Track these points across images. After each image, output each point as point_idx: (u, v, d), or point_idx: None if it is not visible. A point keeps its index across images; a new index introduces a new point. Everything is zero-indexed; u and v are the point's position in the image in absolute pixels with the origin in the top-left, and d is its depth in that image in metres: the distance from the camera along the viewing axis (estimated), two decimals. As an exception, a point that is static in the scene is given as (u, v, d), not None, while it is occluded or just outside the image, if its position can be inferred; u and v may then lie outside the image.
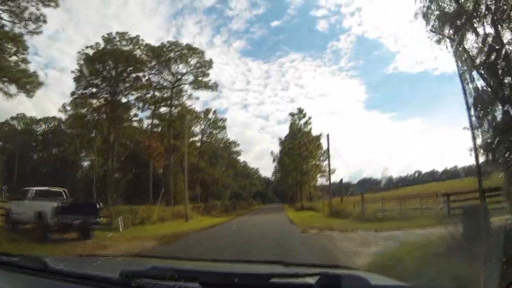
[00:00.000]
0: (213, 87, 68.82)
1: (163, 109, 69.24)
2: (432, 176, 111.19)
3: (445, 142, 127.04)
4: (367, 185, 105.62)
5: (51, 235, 19.19)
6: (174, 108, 67.29)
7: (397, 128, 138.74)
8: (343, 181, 67.73)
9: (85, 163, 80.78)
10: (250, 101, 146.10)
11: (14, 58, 46.35)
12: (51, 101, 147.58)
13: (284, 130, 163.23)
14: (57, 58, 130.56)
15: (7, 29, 41.05)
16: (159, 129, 71.40)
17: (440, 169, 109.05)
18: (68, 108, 71.68)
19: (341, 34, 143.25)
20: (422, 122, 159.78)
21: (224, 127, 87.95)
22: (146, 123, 75.26)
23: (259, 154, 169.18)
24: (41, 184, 26.28)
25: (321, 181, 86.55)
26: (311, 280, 2.09)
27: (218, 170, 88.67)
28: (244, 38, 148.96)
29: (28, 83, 45.31)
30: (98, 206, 21.71)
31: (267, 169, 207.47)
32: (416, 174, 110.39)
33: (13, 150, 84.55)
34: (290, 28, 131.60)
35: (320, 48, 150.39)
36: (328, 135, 59.16)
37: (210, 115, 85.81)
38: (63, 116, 75.24)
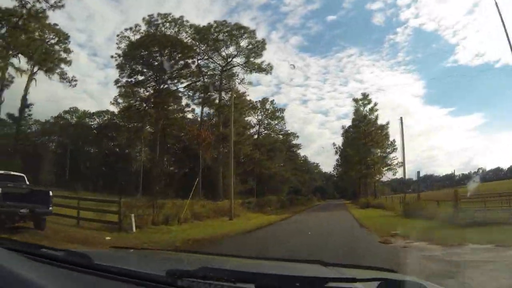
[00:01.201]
0: (267, 69, 62.09)
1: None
2: (497, 175, 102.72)
3: (510, 137, 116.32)
4: (429, 182, 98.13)
5: None
6: (224, 94, 60.94)
7: (457, 123, 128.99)
8: (403, 178, 58.43)
9: (140, 156, 75.91)
10: (309, 97, 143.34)
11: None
12: (110, 95, 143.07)
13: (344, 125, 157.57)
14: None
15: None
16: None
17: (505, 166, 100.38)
18: (120, 101, 67.31)
19: (398, 27, 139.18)
20: (483, 117, 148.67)
21: (282, 118, 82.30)
22: (197, 111, 70.49)
23: (319, 150, 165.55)
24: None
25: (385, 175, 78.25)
26: (370, 286, 1.95)
27: (276, 164, 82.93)
28: (300, 33, 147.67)
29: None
30: (50, 194, 17.82)
31: (326, 165, 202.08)
32: (480, 171, 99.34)
33: (66, 144, 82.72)
34: (346, 23, 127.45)
35: (377, 42, 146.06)
36: (401, 119, 50.42)
37: (268, 105, 78.91)
38: (115, 109, 71.71)
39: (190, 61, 62.78)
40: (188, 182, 62.36)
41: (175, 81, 64.20)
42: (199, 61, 63.02)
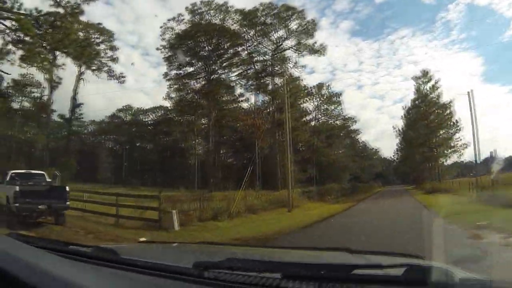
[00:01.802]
0: (320, 50, 58.08)
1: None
2: None
3: None
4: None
5: (16, 219, 15.99)
6: (278, 79, 57.83)
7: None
8: (464, 161, 52.64)
9: (199, 150, 74.31)
10: (364, 82, 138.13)
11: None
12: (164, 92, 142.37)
13: (401, 109, 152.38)
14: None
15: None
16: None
17: None
18: (172, 95, 67.30)
19: (449, 4, 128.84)
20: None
21: (339, 103, 77.28)
22: (252, 100, 67.75)
23: (377, 135, 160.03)
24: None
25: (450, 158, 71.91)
26: (396, 272, 1.89)
27: (335, 150, 79.07)
28: (351, 18, 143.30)
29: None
30: (66, 190, 18.37)
31: (384, 150, 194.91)
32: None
33: (122, 142, 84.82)
34: (396, 3, 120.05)
35: (429, 22, 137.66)
36: (471, 92, 45.24)
37: (324, 91, 74.90)
38: (168, 104, 71.69)
39: (239, 48, 60.75)
40: (244, 173, 61.44)
41: (226, 70, 62.49)
42: (248, 48, 60.44)
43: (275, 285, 1.91)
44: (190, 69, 62.03)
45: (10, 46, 37.39)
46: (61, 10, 35.64)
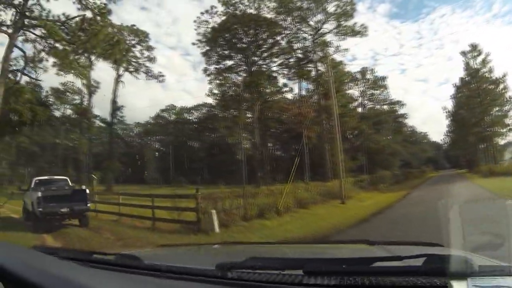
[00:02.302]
0: (361, 31, 54.90)
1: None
2: None
3: None
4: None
5: (41, 224, 16.79)
6: (320, 65, 54.50)
7: None
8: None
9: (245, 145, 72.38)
10: (406, 65, 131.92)
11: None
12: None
13: (446, 91, 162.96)
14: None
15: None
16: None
17: None
18: (215, 91, 65.63)
19: None
20: None
21: (385, 87, 74.15)
22: (295, 90, 66.80)
23: (423, 119, 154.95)
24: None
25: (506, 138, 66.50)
26: (415, 262, 1.91)
27: (384, 136, 75.77)
28: (387, 0, 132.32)
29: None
30: (86, 192, 18.97)
31: (432, 135, 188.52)
32: None
33: (169, 142, 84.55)
34: None
35: None
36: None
37: (368, 75, 72.25)
38: (212, 101, 70.54)
39: (278, 37, 58.17)
40: (293, 165, 59.99)
41: (267, 61, 60.04)
42: (287, 36, 57.56)
43: (298, 282, 1.92)
44: (230, 63, 60.33)
45: (42, 54, 37.46)
46: (89, 13, 35.00)
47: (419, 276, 1.81)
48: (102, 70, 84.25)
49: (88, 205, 18.49)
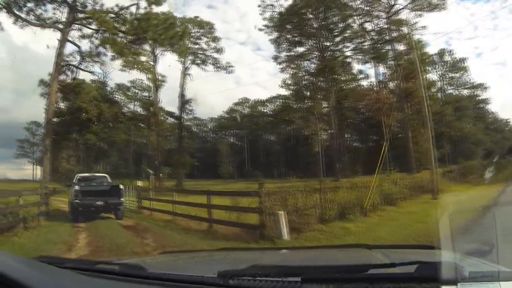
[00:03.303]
0: (439, 4, 48.86)
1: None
2: None
3: None
4: None
5: (79, 216, 18.16)
6: (397, 45, 49.45)
7: None
8: None
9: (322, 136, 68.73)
10: (481, 49, 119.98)
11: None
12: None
13: None
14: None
15: None
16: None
17: None
18: (288, 82, 62.88)
19: None
20: None
21: (465, 69, 66.85)
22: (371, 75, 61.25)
23: (502, 105, 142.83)
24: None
25: None
26: (409, 269, 1.96)
27: (466, 123, 69.32)
28: None
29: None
30: (121, 188, 20.16)
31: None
32: None
33: (243, 135, 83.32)
34: None
35: None
36: None
37: (446, 57, 65.26)
38: (286, 92, 68.30)
39: (350, 20, 53.14)
40: (374, 156, 56.48)
41: (340, 46, 55.40)
42: (359, 17, 52.47)
43: None
44: (301, 49, 56.37)
45: (100, 49, 36.95)
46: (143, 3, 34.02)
47: (411, 282, 1.85)
48: (174, 69, 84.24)
49: (122, 199, 19.77)
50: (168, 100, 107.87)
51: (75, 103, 47.44)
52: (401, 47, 48.19)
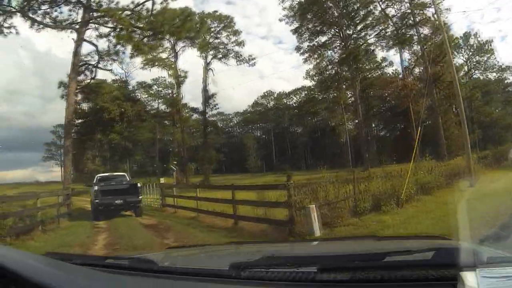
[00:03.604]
0: None
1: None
2: None
3: None
4: None
5: (100, 214, 18.98)
6: (421, 28, 47.53)
7: None
8: None
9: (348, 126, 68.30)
10: (506, 31, 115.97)
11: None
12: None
13: None
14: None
15: None
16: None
17: None
18: (312, 73, 62.11)
19: None
20: None
21: (491, 51, 64.10)
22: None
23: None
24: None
25: None
26: (425, 256, 1.92)
27: (495, 108, 68.30)
28: None
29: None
30: (138, 186, 20.67)
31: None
32: None
33: (269, 129, 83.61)
34: None
35: None
36: None
37: (471, 40, 63.51)
38: (310, 83, 67.60)
39: (371, 6, 51.27)
40: (401, 144, 56.24)
41: (362, 33, 53.71)
42: (381, 2, 50.39)
43: (311, 278, 1.90)
44: (323, 39, 54.98)
45: (118, 47, 36.78)
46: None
47: (429, 268, 1.79)
48: (195, 65, 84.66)
49: (140, 197, 20.30)
50: (192, 97, 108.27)
51: (98, 104, 47.35)
52: (426, 30, 46.69)
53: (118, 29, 33.03)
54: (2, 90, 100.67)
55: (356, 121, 57.00)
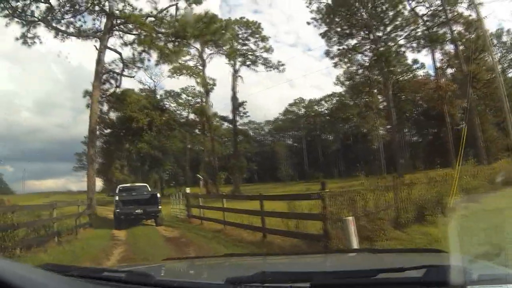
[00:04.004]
0: None
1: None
2: None
3: None
4: None
5: (121, 223, 19.54)
6: (453, 24, 45.03)
7: None
8: None
9: (381, 131, 67.26)
10: None
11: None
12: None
13: None
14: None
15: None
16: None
17: None
18: (342, 79, 61.97)
19: None
20: None
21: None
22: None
23: None
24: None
25: None
26: (417, 274, 1.90)
27: None
28: None
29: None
30: (158, 196, 21.11)
31: None
32: None
33: (300, 136, 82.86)
34: None
35: None
36: None
37: (504, 37, 60.98)
38: (340, 89, 67.23)
39: (400, 6, 49.16)
40: (434, 149, 54.44)
41: (392, 35, 51.57)
42: (410, 1, 48.58)
43: None
44: (352, 42, 53.32)
45: (143, 55, 36.14)
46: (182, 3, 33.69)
47: (420, 287, 1.81)
48: (224, 72, 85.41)
49: (159, 207, 20.53)
50: (222, 106, 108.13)
51: (126, 113, 47.04)
52: (459, 27, 44.46)
53: (142, 35, 32.59)
54: (37, 104, 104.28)
55: (389, 126, 54.68)
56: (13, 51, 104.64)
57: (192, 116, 61.90)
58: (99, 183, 56.30)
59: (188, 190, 23.19)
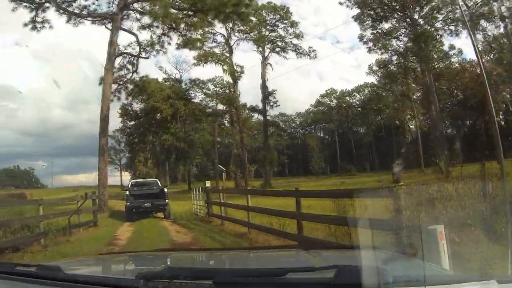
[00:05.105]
0: None
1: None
2: None
3: None
4: None
5: (132, 216, 20.55)
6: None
7: None
8: None
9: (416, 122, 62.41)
10: None
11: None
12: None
13: None
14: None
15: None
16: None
17: None
18: (375, 68, 58.88)
19: None
20: None
21: None
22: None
23: None
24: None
25: None
26: (329, 274, 1.80)
27: None
28: None
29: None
30: (165, 190, 22.50)
31: None
32: None
33: (333, 128, 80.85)
34: None
35: None
36: None
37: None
38: (373, 79, 64.45)
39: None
40: (470, 141, 50.24)
41: (428, 18, 47.55)
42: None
43: None
44: (387, 26, 49.24)
45: (163, 38, 34.05)
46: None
47: None
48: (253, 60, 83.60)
49: (166, 201, 21.62)
50: (251, 99, 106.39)
51: (149, 103, 44.82)
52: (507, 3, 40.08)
53: (156, 10, 30.00)
54: (68, 100, 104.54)
55: (428, 115, 50.37)
56: (44, 50, 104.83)
57: (220, 106, 58.33)
58: (126, 178, 54.26)
59: (208, 184, 19.34)
